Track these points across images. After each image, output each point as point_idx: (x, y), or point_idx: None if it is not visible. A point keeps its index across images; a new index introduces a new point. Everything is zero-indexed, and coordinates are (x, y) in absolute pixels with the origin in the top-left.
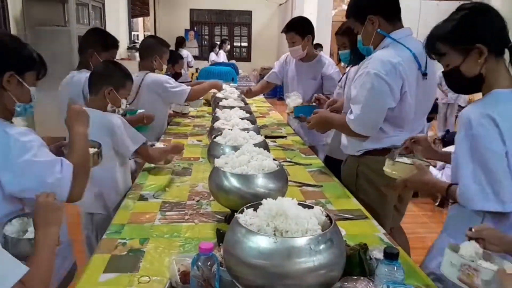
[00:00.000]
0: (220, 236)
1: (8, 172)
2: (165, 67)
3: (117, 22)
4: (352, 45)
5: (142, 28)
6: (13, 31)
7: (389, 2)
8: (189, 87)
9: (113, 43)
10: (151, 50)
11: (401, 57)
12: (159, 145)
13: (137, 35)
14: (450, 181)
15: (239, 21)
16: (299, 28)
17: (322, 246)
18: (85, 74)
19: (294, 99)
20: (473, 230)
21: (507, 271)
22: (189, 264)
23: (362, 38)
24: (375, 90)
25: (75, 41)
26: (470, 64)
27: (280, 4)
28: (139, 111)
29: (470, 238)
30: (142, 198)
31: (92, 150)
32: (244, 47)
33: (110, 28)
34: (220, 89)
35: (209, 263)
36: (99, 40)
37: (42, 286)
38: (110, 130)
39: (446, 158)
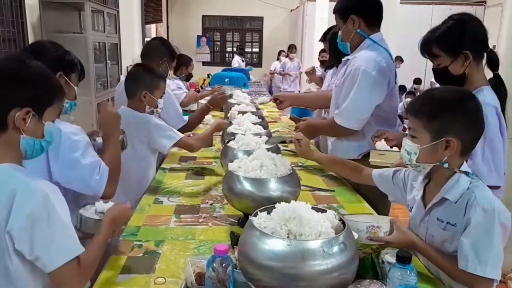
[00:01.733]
0: (234, 238)
1: (57, 164)
2: (170, 72)
3: (131, 29)
4: (330, 50)
5: (155, 34)
6: (30, 37)
7: (372, 9)
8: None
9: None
10: (157, 52)
11: (383, 57)
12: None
13: None
14: None
15: (251, 27)
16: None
17: (335, 249)
18: None
19: None
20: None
21: (395, 220)
22: (204, 266)
23: (342, 34)
24: (363, 85)
25: (91, 47)
26: (457, 66)
27: (291, 10)
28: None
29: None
30: (157, 201)
31: None
32: (255, 52)
33: (124, 35)
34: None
35: (224, 264)
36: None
37: (92, 267)
38: (146, 130)
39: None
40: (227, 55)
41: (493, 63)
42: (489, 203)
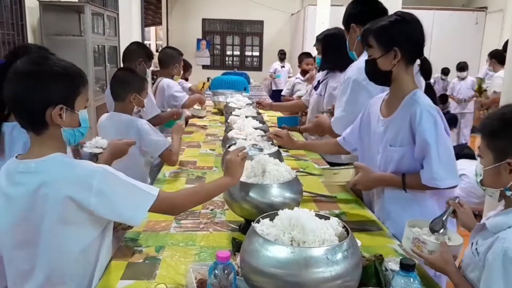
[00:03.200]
0: (236, 245)
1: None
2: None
3: (130, 32)
4: (323, 51)
5: (155, 37)
6: (30, 40)
7: (371, 14)
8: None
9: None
10: (172, 59)
11: None
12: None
13: (149, 44)
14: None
15: (251, 30)
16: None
17: (338, 257)
18: None
19: None
20: (454, 201)
21: (448, 243)
22: (206, 272)
23: (349, 43)
24: (354, 94)
25: (90, 50)
26: (385, 61)
27: (292, 14)
28: (168, 109)
29: (448, 205)
30: None
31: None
32: (256, 56)
33: (124, 38)
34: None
35: (226, 271)
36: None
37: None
38: (138, 133)
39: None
40: (227, 58)
41: (426, 71)
42: None
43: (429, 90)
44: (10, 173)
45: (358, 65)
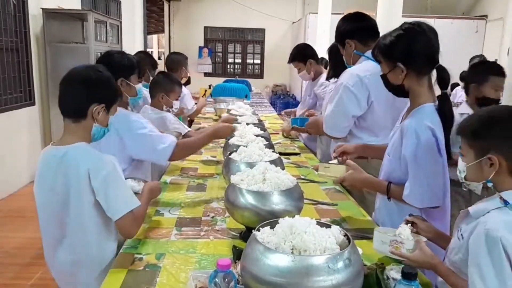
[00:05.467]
0: (237, 253)
1: (130, 141)
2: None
3: (133, 39)
4: (330, 61)
5: (157, 44)
6: (33, 47)
7: (362, 29)
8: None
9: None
10: (179, 63)
11: (370, 71)
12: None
13: (152, 52)
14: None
15: (252, 38)
16: (299, 56)
17: (340, 265)
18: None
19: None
20: (410, 217)
21: (421, 241)
22: (206, 280)
23: (345, 58)
24: (342, 99)
25: (93, 57)
26: (393, 76)
27: (293, 22)
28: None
29: (407, 221)
30: (157, 213)
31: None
32: (257, 64)
33: (126, 45)
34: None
35: (226, 279)
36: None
37: (141, 219)
38: (163, 123)
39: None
40: (228, 66)
41: (442, 80)
42: (496, 230)
43: (444, 101)
44: (46, 156)
45: (351, 71)
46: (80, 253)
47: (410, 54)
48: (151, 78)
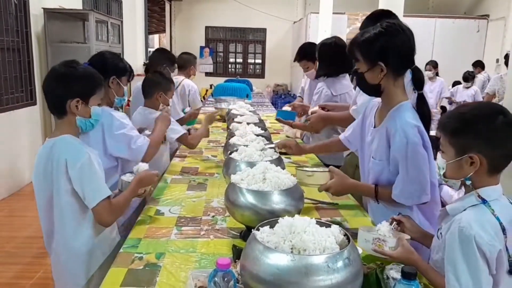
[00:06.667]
0: (236, 252)
1: (109, 139)
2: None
3: (134, 39)
4: (319, 61)
5: (158, 44)
6: (34, 47)
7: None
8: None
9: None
10: (189, 62)
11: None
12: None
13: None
14: (373, 182)
15: (254, 38)
16: (309, 55)
17: (339, 265)
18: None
19: None
20: (398, 216)
21: (403, 238)
22: (205, 280)
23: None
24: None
25: None
26: (371, 75)
27: (294, 22)
28: (186, 109)
29: (393, 220)
30: (158, 213)
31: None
32: (258, 64)
33: (127, 45)
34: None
35: (226, 279)
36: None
37: (119, 210)
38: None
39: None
40: (229, 66)
41: (418, 81)
42: (469, 228)
43: (421, 101)
44: (41, 148)
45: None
46: (59, 240)
47: (393, 53)
48: (171, 73)
